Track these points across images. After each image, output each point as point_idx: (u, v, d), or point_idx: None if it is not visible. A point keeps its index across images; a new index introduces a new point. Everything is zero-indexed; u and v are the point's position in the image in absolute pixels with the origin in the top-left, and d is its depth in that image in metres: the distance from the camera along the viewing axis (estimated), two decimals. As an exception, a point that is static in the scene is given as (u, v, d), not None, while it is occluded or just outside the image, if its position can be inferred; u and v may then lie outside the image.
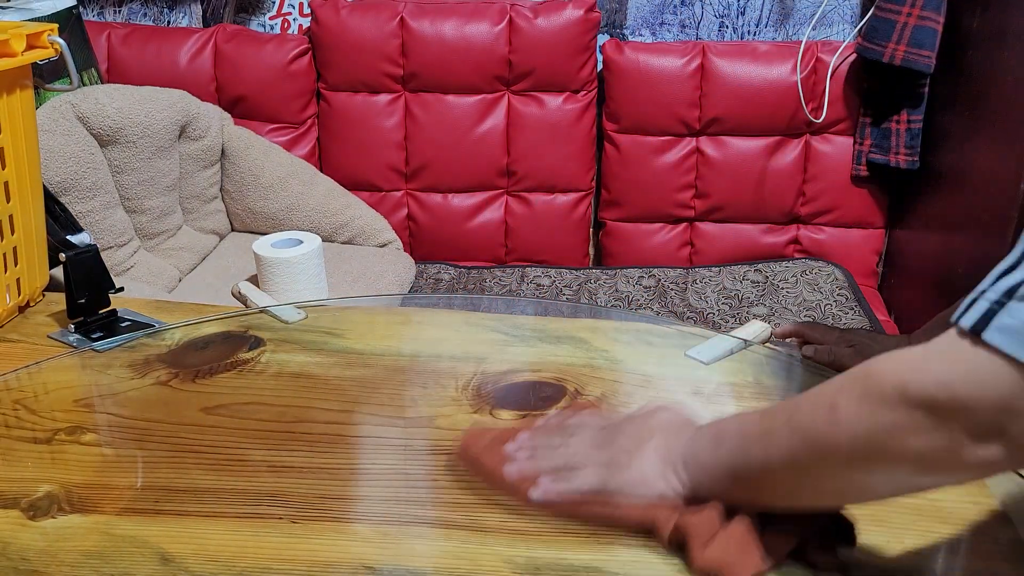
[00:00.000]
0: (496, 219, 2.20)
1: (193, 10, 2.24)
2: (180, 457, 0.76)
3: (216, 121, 1.93)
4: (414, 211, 2.20)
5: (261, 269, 1.52)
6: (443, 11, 2.08)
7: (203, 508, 0.69)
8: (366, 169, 2.17)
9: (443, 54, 2.07)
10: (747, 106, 2.05)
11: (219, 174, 1.98)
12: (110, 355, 0.93)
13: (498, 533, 0.66)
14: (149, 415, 0.81)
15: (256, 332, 0.98)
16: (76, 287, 0.96)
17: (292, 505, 0.69)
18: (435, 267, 2.14)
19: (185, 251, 1.86)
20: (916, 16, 1.87)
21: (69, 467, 0.74)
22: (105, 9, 2.22)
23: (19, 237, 0.98)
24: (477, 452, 0.73)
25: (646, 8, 2.16)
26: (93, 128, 1.64)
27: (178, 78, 2.03)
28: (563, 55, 2.07)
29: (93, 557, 0.63)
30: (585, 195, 2.19)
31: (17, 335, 0.98)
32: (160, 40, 2.11)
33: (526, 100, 2.12)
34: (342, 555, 0.64)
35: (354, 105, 2.14)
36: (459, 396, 0.84)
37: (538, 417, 0.81)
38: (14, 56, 0.91)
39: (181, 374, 0.89)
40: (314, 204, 1.99)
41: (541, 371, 0.90)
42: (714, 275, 2.06)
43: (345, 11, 2.08)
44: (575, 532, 0.66)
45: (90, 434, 0.79)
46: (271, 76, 2.10)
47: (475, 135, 2.13)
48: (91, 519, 0.67)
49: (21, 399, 0.84)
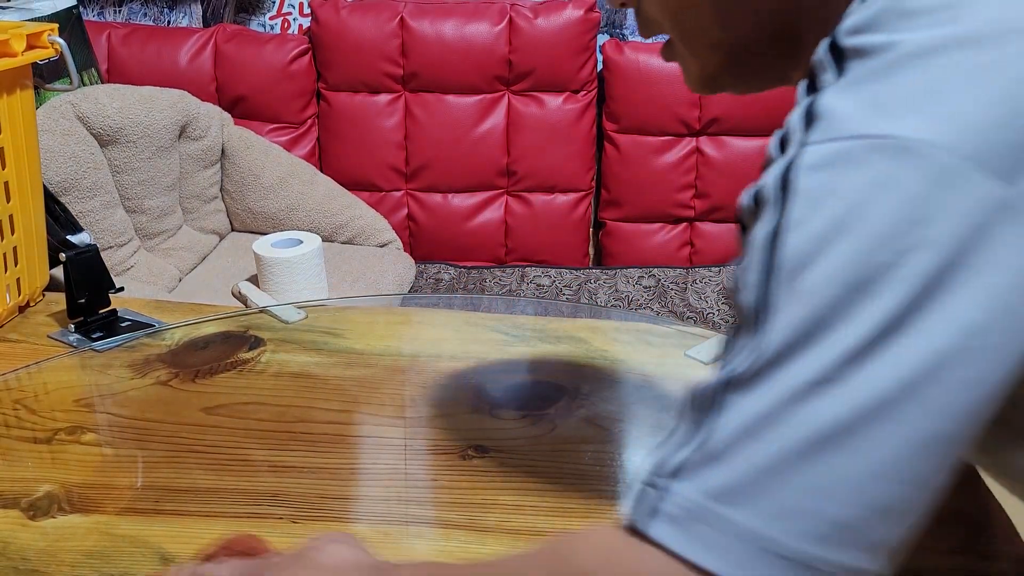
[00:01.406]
0: (496, 219, 2.20)
1: (193, 10, 2.24)
2: (180, 457, 0.76)
3: (216, 121, 1.93)
4: (414, 211, 2.20)
5: (261, 269, 1.52)
6: (443, 11, 2.08)
7: (203, 508, 0.69)
8: (366, 169, 2.17)
9: (443, 54, 2.07)
10: (747, 106, 2.05)
11: (219, 174, 1.98)
12: (110, 355, 0.93)
13: (498, 533, 0.66)
14: (149, 415, 0.81)
15: (256, 332, 0.98)
16: (76, 287, 0.96)
17: (292, 505, 0.69)
18: (435, 267, 2.14)
19: (185, 251, 1.86)
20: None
21: (69, 467, 0.74)
22: (105, 9, 2.22)
23: (19, 237, 0.98)
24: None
25: (646, 8, 2.16)
26: (93, 128, 1.64)
27: (178, 78, 2.03)
28: (563, 55, 2.07)
29: (93, 557, 0.63)
30: (585, 195, 2.19)
31: (17, 335, 0.98)
32: (160, 40, 2.11)
33: (526, 100, 2.12)
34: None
35: (354, 105, 2.14)
36: (459, 395, 0.84)
37: (539, 417, 0.81)
38: (14, 56, 0.91)
39: (181, 374, 0.89)
40: (314, 204, 1.99)
41: (541, 371, 0.90)
42: (714, 275, 2.06)
43: (345, 11, 2.08)
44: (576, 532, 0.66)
45: (90, 434, 0.79)
46: (271, 76, 2.10)
47: (475, 135, 2.13)
48: (91, 519, 0.67)
49: (21, 399, 0.84)
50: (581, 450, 0.78)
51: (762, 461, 0.35)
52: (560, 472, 0.74)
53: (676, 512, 0.36)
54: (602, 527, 0.41)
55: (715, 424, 0.37)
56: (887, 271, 0.34)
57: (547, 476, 0.74)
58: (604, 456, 0.77)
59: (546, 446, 0.78)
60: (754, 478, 0.35)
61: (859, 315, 0.34)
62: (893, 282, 0.34)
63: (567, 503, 0.70)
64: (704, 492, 0.36)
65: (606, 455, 0.78)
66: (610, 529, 0.39)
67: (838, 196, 0.35)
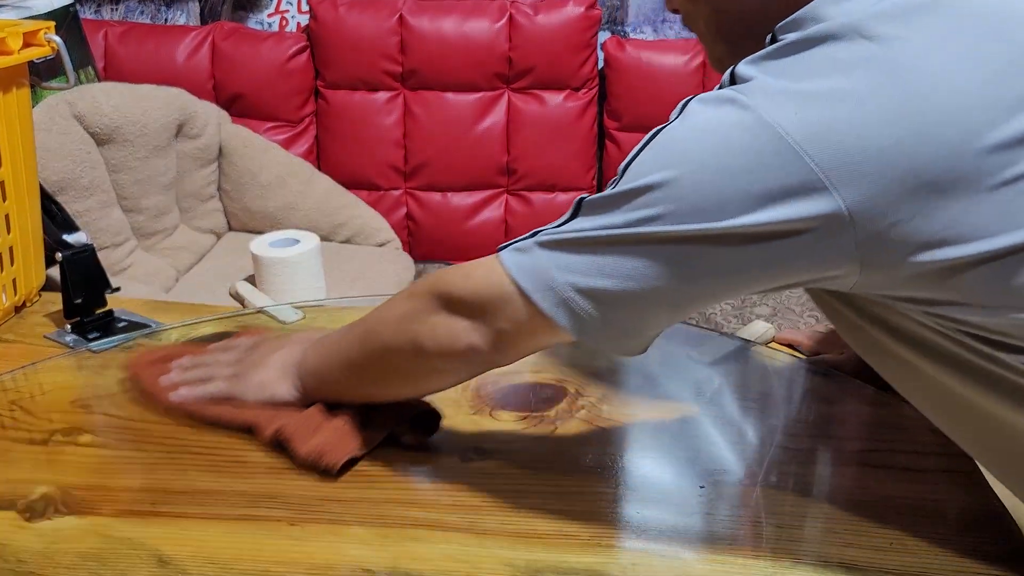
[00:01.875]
0: (496, 218, 2.20)
1: (190, 8, 2.23)
2: (177, 458, 0.75)
3: (213, 119, 1.92)
4: (413, 210, 2.20)
5: (259, 269, 1.51)
6: (443, 8, 2.08)
7: (201, 510, 0.68)
8: (365, 167, 2.16)
9: (442, 51, 2.07)
10: (747, 104, 2.05)
11: (216, 173, 1.97)
12: (107, 356, 0.92)
13: (497, 535, 0.66)
14: (146, 416, 0.81)
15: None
16: (73, 287, 0.95)
17: (291, 507, 0.68)
18: (435, 266, 2.13)
19: (182, 250, 1.85)
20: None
21: (66, 468, 0.74)
22: (102, 7, 2.21)
23: (15, 236, 0.97)
24: (139, 368, 0.84)
25: (647, 5, 2.16)
26: (90, 127, 1.64)
27: (175, 76, 2.03)
28: (564, 52, 2.07)
29: (90, 559, 0.63)
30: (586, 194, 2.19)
31: (13, 335, 0.97)
32: (157, 38, 2.11)
33: (526, 98, 2.12)
34: (341, 557, 0.64)
35: (353, 103, 2.13)
36: (459, 397, 0.84)
37: (540, 419, 0.81)
38: (10, 54, 0.90)
39: (179, 374, 0.88)
40: (312, 203, 1.98)
41: (541, 371, 0.90)
42: (714, 274, 2.06)
43: (344, 8, 2.07)
44: (575, 535, 0.66)
45: (87, 435, 0.78)
46: (269, 74, 2.10)
47: (475, 133, 2.13)
48: (88, 521, 0.67)
49: (17, 400, 0.84)
50: (581, 451, 0.77)
51: (566, 239, 0.60)
52: (561, 474, 0.74)
53: (519, 245, 0.63)
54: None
55: (565, 217, 0.61)
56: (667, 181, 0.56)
57: (548, 478, 0.73)
58: (604, 457, 0.77)
59: (546, 448, 0.78)
60: (560, 245, 0.60)
61: (635, 203, 0.57)
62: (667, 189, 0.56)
63: (568, 505, 0.69)
64: (535, 241, 0.62)
65: (606, 456, 0.77)
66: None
67: (690, 119, 0.58)
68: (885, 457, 0.77)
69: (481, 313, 0.64)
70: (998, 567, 0.64)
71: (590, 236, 0.59)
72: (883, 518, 0.68)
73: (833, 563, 0.64)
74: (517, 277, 0.61)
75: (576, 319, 0.60)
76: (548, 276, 0.60)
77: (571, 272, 0.60)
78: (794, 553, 0.65)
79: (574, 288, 0.60)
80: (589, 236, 0.59)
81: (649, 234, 0.57)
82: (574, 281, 0.60)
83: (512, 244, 0.63)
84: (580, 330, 0.61)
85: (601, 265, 0.59)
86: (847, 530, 0.67)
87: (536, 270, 0.61)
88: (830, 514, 0.69)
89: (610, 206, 0.59)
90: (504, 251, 0.63)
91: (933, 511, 0.69)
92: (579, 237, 0.60)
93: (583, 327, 0.61)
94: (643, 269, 0.58)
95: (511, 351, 0.66)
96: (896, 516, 0.68)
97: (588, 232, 0.59)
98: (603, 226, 0.58)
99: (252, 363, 0.79)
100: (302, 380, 0.76)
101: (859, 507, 0.70)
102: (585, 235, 0.59)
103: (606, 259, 0.59)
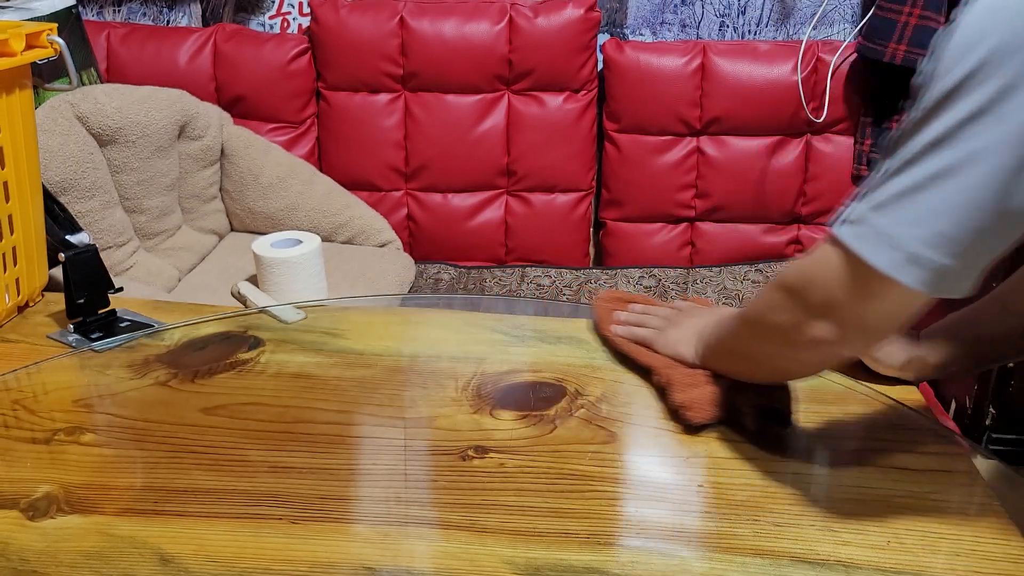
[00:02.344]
0: (496, 219, 2.20)
1: (192, 9, 2.24)
2: (179, 457, 0.75)
3: (215, 121, 1.93)
4: (414, 211, 2.20)
5: (260, 269, 1.51)
6: (443, 10, 2.08)
7: (203, 509, 0.69)
8: (366, 169, 2.16)
9: (443, 53, 2.07)
10: (748, 106, 2.05)
11: (218, 174, 1.98)
12: (109, 355, 0.92)
13: (498, 534, 0.66)
14: (148, 415, 0.81)
15: (255, 332, 0.98)
16: (75, 287, 0.95)
17: (292, 506, 0.69)
18: (435, 267, 2.14)
19: (184, 251, 1.86)
20: (917, 16, 1.87)
21: (68, 467, 0.74)
22: (104, 8, 2.22)
23: (18, 237, 0.98)
24: (602, 299, 0.99)
25: (646, 7, 2.16)
26: (92, 128, 1.64)
27: (177, 78, 2.03)
28: (563, 54, 2.07)
29: (92, 558, 0.63)
30: (585, 195, 2.19)
31: (16, 335, 0.98)
32: (159, 40, 2.11)
33: (526, 100, 2.12)
34: (342, 556, 0.64)
35: (354, 105, 2.13)
36: (459, 397, 0.84)
37: (539, 418, 0.81)
38: (13, 56, 0.91)
39: (180, 374, 0.88)
40: (313, 204, 1.99)
41: (541, 371, 0.90)
42: (715, 275, 2.06)
43: (345, 10, 2.08)
44: (574, 533, 0.66)
45: (89, 434, 0.79)
46: (270, 75, 2.10)
47: (475, 135, 2.13)
48: (90, 519, 0.67)
49: (20, 399, 0.84)
50: (581, 451, 0.77)
51: (900, 189, 0.58)
52: (560, 473, 0.74)
53: (852, 217, 0.60)
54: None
55: (882, 165, 0.59)
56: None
57: (547, 477, 0.73)
58: (604, 456, 0.77)
59: (546, 447, 0.78)
60: (895, 198, 0.58)
61: (954, 107, 0.55)
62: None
63: (567, 504, 0.70)
64: (867, 207, 0.59)
65: (606, 455, 0.77)
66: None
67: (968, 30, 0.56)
68: (884, 456, 0.77)
69: (826, 306, 0.63)
70: (996, 566, 0.64)
71: (915, 177, 0.57)
72: (881, 517, 0.68)
73: (831, 562, 0.64)
74: (860, 250, 0.59)
75: (928, 274, 0.58)
76: (890, 240, 0.58)
77: (913, 225, 0.57)
78: (792, 552, 0.65)
79: (920, 241, 0.57)
80: (914, 179, 0.57)
81: (977, 131, 0.55)
82: (918, 233, 0.57)
83: (839, 217, 0.61)
84: (933, 284, 0.58)
85: (936, 205, 0.56)
86: (845, 529, 0.67)
87: (877, 236, 0.59)
88: (828, 513, 0.70)
89: (927, 120, 0.56)
90: (836, 226, 0.61)
91: (933, 511, 0.70)
92: (905, 186, 0.57)
93: (935, 281, 0.58)
94: (974, 179, 0.55)
95: (858, 336, 0.65)
96: (894, 515, 0.68)
97: (913, 165, 0.57)
98: (925, 145, 0.56)
99: (676, 323, 0.89)
100: (701, 346, 0.84)
101: (857, 506, 0.70)
102: (910, 175, 0.57)
103: (939, 195, 0.56)
